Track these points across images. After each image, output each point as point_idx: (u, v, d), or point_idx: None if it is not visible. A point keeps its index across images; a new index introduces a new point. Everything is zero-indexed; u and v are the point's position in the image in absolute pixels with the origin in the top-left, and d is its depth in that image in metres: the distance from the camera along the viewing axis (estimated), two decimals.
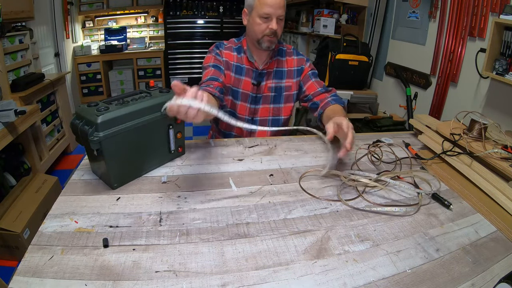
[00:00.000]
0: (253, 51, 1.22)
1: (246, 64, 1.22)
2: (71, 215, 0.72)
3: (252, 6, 1.11)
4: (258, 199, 0.82)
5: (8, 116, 1.67)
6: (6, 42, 2.12)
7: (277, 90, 1.25)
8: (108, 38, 4.34)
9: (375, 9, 2.67)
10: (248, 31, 1.18)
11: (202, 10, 4.34)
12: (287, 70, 1.26)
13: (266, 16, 1.09)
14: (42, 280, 0.55)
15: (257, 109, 1.26)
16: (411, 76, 2.32)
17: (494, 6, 1.64)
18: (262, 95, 1.25)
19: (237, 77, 1.22)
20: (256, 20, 1.11)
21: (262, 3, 1.08)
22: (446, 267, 0.63)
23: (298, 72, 1.27)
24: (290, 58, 1.26)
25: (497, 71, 1.49)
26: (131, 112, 0.80)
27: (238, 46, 1.24)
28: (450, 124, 1.12)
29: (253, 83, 1.22)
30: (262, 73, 1.23)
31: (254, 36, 1.14)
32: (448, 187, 0.91)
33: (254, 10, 1.11)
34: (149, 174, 0.91)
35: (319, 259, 0.63)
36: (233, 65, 1.22)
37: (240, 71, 1.22)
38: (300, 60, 1.27)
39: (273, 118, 1.29)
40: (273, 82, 1.24)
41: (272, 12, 1.09)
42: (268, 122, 1.29)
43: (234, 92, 1.23)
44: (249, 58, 1.21)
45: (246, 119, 1.26)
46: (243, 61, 1.22)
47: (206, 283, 0.57)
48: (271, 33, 1.11)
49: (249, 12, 1.14)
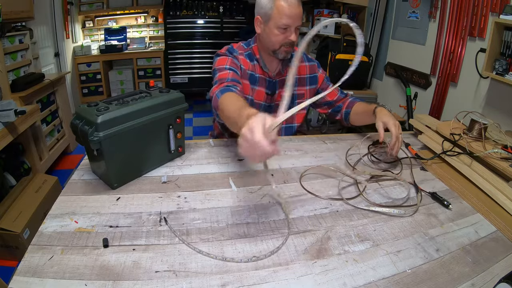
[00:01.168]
0: (265, 60, 1.17)
1: (259, 73, 1.17)
2: (71, 215, 0.72)
3: (269, 15, 1.04)
4: (258, 199, 0.82)
5: (8, 116, 1.67)
6: (6, 42, 2.12)
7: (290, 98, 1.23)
8: (108, 38, 4.33)
9: (375, 9, 2.67)
10: (263, 40, 1.11)
11: (202, 10, 4.33)
12: (299, 77, 1.23)
13: (285, 27, 1.04)
14: (42, 280, 0.55)
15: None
16: (411, 76, 2.32)
17: (494, 6, 1.64)
18: (275, 104, 1.20)
19: (252, 87, 1.17)
20: (273, 31, 1.05)
21: (282, 13, 1.02)
22: (446, 267, 0.63)
23: (312, 80, 1.24)
24: (302, 65, 1.22)
25: (497, 71, 1.49)
26: (131, 112, 0.80)
27: (248, 53, 1.17)
28: (450, 124, 1.12)
29: (267, 92, 1.18)
30: (275, 82, 1.19)
31: (271, 46, 1.09)
32: (448, 187, 0.91)
33: (271, 21, 1.04)
34: (149, 174, 0.91)
35: (319, 259, 0.63)
36: (248, 73, 1.16)
37: (254, 80, 1.16)
38: (312, 67, 1.24)
39: (287, 126, 1.26)
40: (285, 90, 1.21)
41: (291, 23, 1.03)
42: (281, 130, 1.25)
43: (247, 101, 1.18)
44: (263, 67, 1.16)
45: None
46: (256, 69, 1.17)
47: (206, 283, 0.57)
48: (289, 44, 1.07)
49: (265, 21, 1.07)
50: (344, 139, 1.21)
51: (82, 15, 4.15)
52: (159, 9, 4.45)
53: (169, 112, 0.90)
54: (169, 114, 0.90)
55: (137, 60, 4.36)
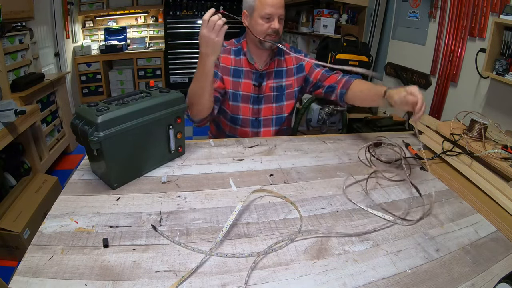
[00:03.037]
0: (254, 53, 1.22)
1: (245, 67, 1.22)
2: (71, 215, 0.72)
3: (253, 7, 1.12)
4: (258, 199, 0.82)
5: (8, 116, 1.67)
6: (6, 42, 2.12)
7: (279, 89, 1.26)
8: (108, 38, 4.33)
9: (375, 9, 2.67)
10: (250, 32, 1.18)
11: (202, 10, 4.34)
12: (287, 69, 1.27)
13: (268, 16, 1.11)
14: (42, 280, 0.55)
15: (260, 109, 1.27)
16: (411, 76, 2.32)
17: (494, 6, 1.64)
18: (264, 95, 1.25)
19: (236, 80, 1.22)
20: (258, 21, 1.12)
21: (263, 3, 1.10)
22: (446, 267, 0.63)
23: (298, 69, 1.28)
24: (289, 57, 1.28)
25: (497, 71, 1.49)
26: (131, 112, 0.80)
27: (237, 48, 1.24)
28: (450, 124, 1.12)
29: (254, 84, 1.23)
30: (263, 74, 1.23)
31: (257, 37, 1.15)
32: (448, 187, 0.91)
33: (255, 12, 1.12)
34: (149, 174, 0.91)
35: (319, 259, 0.63)
36: (231, 69, 1.22)
37: (238, 74, 1.22)
38: (298, 58, 1.28)
39: (277, 116, 1.29)
40: (274, 82, 1.25)
41: (273, 12, 1.10)
42: (272, 121, 1.29)
43: (234, 96, 1.23)
44: (249, 60, 1.22)
45: (251, 120, 1.27)
46: (242, 63, 1.23)
47: (206, 283, 0.57)
48: (273, 32, 1.13)
49: (250, 14, 1.15)
50: (344, 139, 1.21)
51: (82, 15, 4.15)
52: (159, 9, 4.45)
53: (169, 112, 0.90)
54: (169, 114, 0.90)
55: (137, 60, 4.36)
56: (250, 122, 1.27)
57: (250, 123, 1.27)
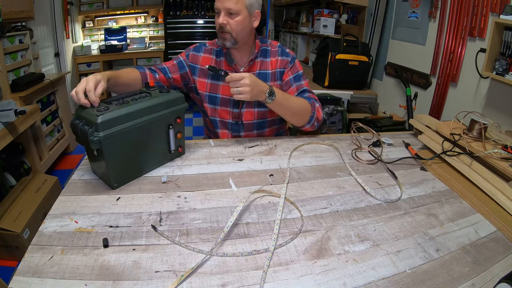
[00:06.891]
0: (233, 53, 1.17)
1: (224, 69, 1.15)
2: (71, 215, 0.72)
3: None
4: (258, 199, 0.82)
5: (8, 116, 1.67)
6: (6, 42, 2.12)
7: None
8: (108, 38, 4.33)
9: (375, 9, 2.67)
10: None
11: (202, 10, 4.34)
12: (271, 72, 1.19)
13: (217, 11, 1.05)
14: (42, 280, 0.55)
15: (242, 113, 1.20)
16: (411, 76, 2.32)
17: (494, 6, 1.64)
18: None
19: (214, 83, 1.18)
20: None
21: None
22: (446, 267, 0.63)
23: (280, 74, 1.20)
24: (274, 59, 1.19)
25: (497, 71, 1.49)
26: (131, 112, 0.80)
27: (219, 49, 1.18)
28: (450, 124, 1.12)
29: None
30: None
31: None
32: (448, 187, 0.91)
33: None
34: (149, 174, 0.91)
35: (319, 259, 0.63)
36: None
37: (217, 76, 1.16)
38: (283, 61, 1.19)
39: (258, 121, 1.23)
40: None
41: (219, 6, 1.04)
42: (253, 125, 1.23)
43: (211, 98, 1.19)
44: (228, 62, 1.16)
45: (231, 124, 1.22)
46: (221, 65, 1.17)
47: (206, 283, 0.57)
48: (219, 28, 1.07)
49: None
50: (344, 139, 1.21)
51: (82, 15, 4.15)
52: (159, 9, 4.45)
53: (169, 112, 0.90)
54: (169, 114, 0.90)
55: (137, 60, 4.36)
56: (229, 125, 1.22)
57: (230, 126, 1.22)
